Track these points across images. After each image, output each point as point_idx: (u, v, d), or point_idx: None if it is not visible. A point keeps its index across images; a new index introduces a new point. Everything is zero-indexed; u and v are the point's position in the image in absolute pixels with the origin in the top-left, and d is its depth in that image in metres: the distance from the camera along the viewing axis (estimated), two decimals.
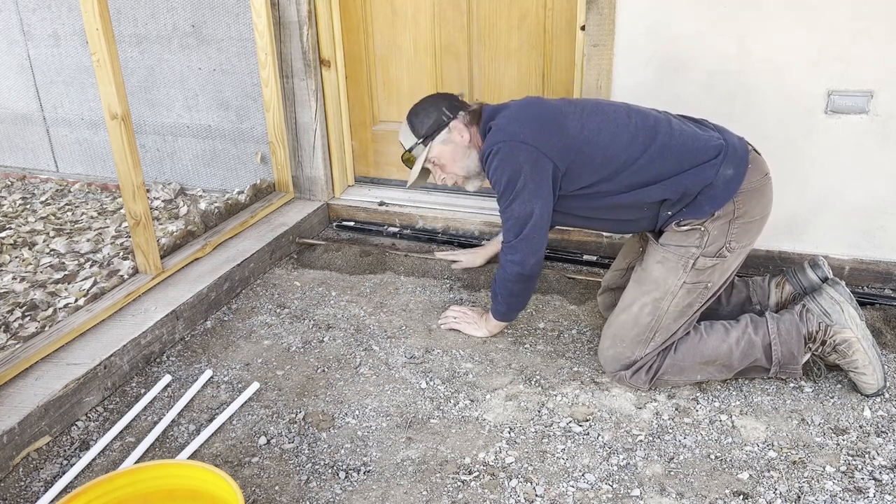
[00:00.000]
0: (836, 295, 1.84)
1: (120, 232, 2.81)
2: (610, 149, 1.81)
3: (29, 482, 1.64)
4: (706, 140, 1.82)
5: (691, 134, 1.83)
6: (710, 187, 1.78)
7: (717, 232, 1.79)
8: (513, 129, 1.83)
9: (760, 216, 1.83)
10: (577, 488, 1.58)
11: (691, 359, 1.84)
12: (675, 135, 1.82)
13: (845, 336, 1.80)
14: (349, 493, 1.59)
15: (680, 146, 1.80)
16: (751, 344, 1.83)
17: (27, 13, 3.20)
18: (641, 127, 1.82)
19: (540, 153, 1.79)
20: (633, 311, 1.86)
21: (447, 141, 1.96)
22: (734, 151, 1.81)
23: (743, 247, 1.83)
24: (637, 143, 1.80)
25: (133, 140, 2.13)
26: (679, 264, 1.81)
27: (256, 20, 2.68)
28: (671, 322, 1.83)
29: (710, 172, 1.78)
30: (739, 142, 1.85)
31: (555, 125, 1.83)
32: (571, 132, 1.82)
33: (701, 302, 1.84)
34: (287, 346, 2.14)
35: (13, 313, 2.15)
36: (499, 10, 2.62)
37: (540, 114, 1.86)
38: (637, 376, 1.86)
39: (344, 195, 3.05)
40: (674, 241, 1.83)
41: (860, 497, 1.53)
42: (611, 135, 1.82)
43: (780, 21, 2.17)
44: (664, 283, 1.82)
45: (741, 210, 1.78)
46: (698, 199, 1.79)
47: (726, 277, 1.85)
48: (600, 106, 1.89)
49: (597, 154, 1.81)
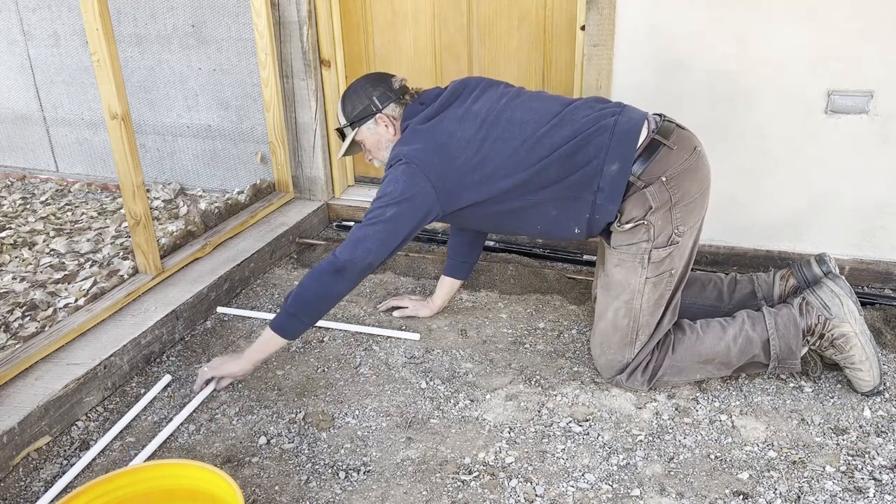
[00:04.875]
0: (836, 288, 1.84)
1: (120, 232, 2.81)
2: (496, 174, 1.81)
3: (29, 482, 1.64)
4: (584, 151, 1.78)
5: (568, 152, 1.78)
6: (599, 191, 1.77)
7: (660, 222, 1.77)
8: (405, 149, 1.85)
9: (699, 192, 1.80)
10: (577, 488, 1.58)
11: (689, 358, 1.84)
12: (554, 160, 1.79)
13: (843, 330, 1.80)
14: (349, 493, 1.59)
15: (558, 172, 1.79)
16: (748, 340, 1.83)
17: (27, 13, 3.20)
18: (532, 148, 1.80)
19: (423, 174, 1.80)
20: (609, 318, 1.86)
21: (373, 131, 1.98)
22: (618, 143, 1.76)
23: (691, 227, 1.82)
24: (521, 173, 1.80)
25: (133, 140, 2.13)
26: (636, 262, 1.81)
27: (256, 20, 2.68)
28: (648, 317, 1.83)
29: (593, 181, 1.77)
30: (629, 128, 1.78)
31: (444, 149, 1.82)
32: (459, 159, 1.82)
33: (671, 290, 1.84)
34: (287, 345, 2.13)
35: (13, 313, 2.15)
36: (499, 11, 2.62)
37: (433, 134, 1.85)
38: (633, 378, 1.86)
39: (344, 195, 3.05)
40: (624, 241, 1.82)
41: (860, 497, 1.53)
42: (501, 160, 1.81)
43: (780, 21, 2.17)
44: (628, 284, 1.82)
45: (677, 194, 1.76)
46: (596, 202, 1.79)
47: (686, 259, 1.85)
48: (510, 118, 1.85)
49: (480, 179, 1.82)
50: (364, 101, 1.96)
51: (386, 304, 2.31)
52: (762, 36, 2.20)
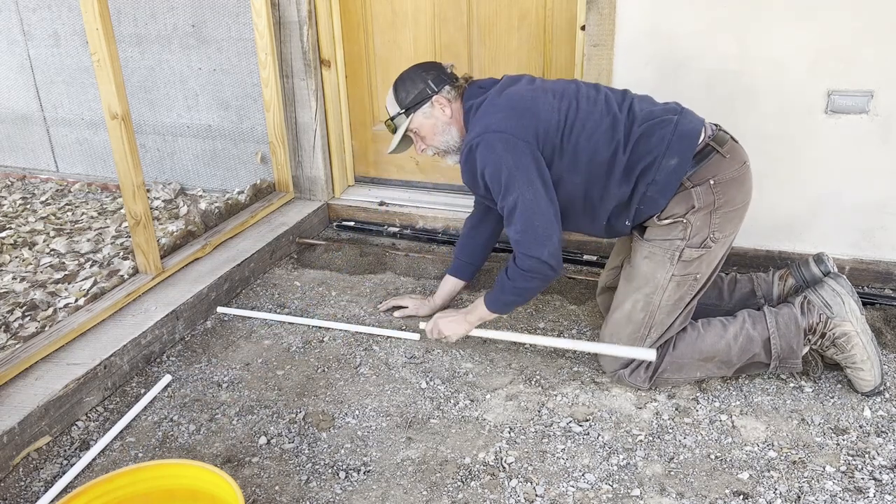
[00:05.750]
0: (838, 287, 1.85)
1: (120, 232, 2.81)
2: (584, 142, 1.80)
3: (29, 482, 1.64)
4: (659, 133, 1.80)
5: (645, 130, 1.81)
6: (653, 182, 1.78)
7: (699, 223, 1.79)
8: (485, 121, 1.82)
9: (742, 204, 1.83)
10: (577, 488, 1.58)
11: (690, 356, 1.84)
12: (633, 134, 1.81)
13: (845, 329, 1.80)
14: (349, 493, 1.59)
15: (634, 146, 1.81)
16: (749, 339, 1.83)
17: (27, 13, 3.21)
18: (612, 125, 1.81)
19: (515, 138, 1.78)
20: (626, 309, 1.87)
21: (429, 115, 1.96)
22: (679, 140, 1.78)
23: (726, 236, 1.83)
24: (611, 142, 1.80)
25: (133, 140, 2.13)
26: (666, 258, 1.82)
27: (256, 20, 2.68)
28: (664, 316, 1.83)
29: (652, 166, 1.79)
30: (692, 126, 1.80)
31: (528, 111, 1.82)
32: (546, 118, 1.81)
33: (692, 294, 1.84)
34: (287, 346, 2.14)
35: (13, 313, 2.15)
36: (499, 11, 2.62)
37: (512, 100, 1.84)
38: (636, 374, 1.86)
39: (344, 195, 3.05)
40: (658, 236, 1.83)
41: (860, 497, 1.53)
42: (591, 129, 1.81)
43: (781, 21, 2.17)
44: (653, 278, 1.83)
45: (721, 200, 1.78)
46: (647, 193, 1.79)
47: (713, 268, 1.85)
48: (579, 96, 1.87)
49: (569, 145, 1.81)
50: (419, 86, 1.94)
51: (386, 304, 2.31)
52: (762, 36, 2.20)
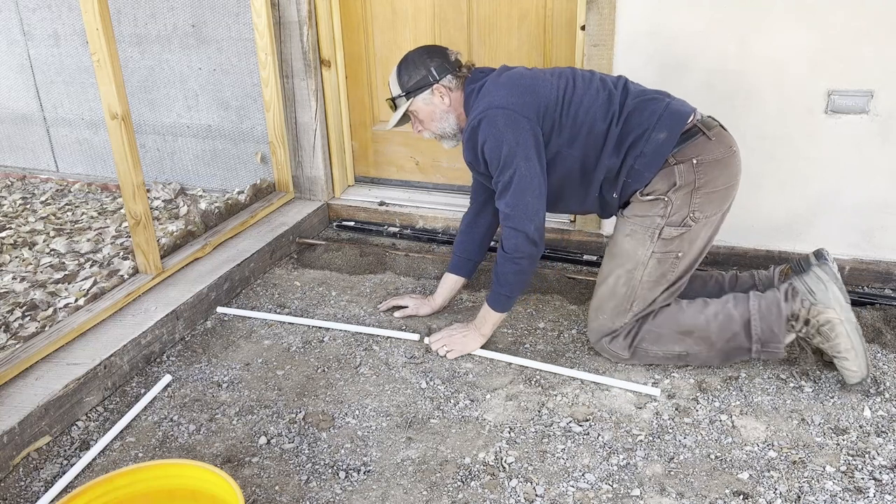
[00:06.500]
0: (821, 274, 1.86)
1: (120, 232, 2.81)
2: (582, 115, 1.85)
3: (29, 482, 1.64)
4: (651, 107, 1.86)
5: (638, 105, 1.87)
6: (641, 155, 1.82)
7: (679, 202, 1.82)
8: (488, 99, 1.87)
9: (724, 187, 1.85)
10: (577, 488, 1.58)
11: (668, 326, 1.88)
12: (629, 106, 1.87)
13: (829, 316, 1.80)
14: (349, 492, 1.59)
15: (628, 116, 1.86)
16: (729, 317, 1.85)
17: (27, 13, 3.21)
18: (607, 100, 1.87)
19: (516, 114, 1.82)
20: (610, 284, 1.92)
21: (428, 101, 2.00)
22: (670, 116, 1.83)
23: (708, 217, 1.85)
24: (607, 115, 1.85)
25: (133, 140, 2.14)
26: (646, 235, 1.85)
27: (256, 20, 2.68)
28: (646, 291, 1.88)
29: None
30: (682, 107, 1.86)
31: (529, 88, 1.86)
32: (546, 95, 1.86)
33: (675, 272, 1.87)
34: (287, 346, 2.14)
35: (13, 313, 2.15)
36: (499, 10, 2.62)
37: (513, 78, 1.90)
38: (616, 342, 1.91)
39: (344, 195, 3.05)
40: (639, 213, 1.87)
41: (860, 497, 1.53)
42: (588, 103, 1.86)
43: (780, 21, 2.17)
44: (634, 255, 1.87)
45: (702, 179, 1.81)
46: (634, 166, 1.83)
47: (697, 247, 1.88)
48: (575, 76, 1.93)
49: (567, 120, 1.86)
50: (421, 72, 1.97)
51: (386, 304, 2.31)
52: (762, 36, 2.20)
